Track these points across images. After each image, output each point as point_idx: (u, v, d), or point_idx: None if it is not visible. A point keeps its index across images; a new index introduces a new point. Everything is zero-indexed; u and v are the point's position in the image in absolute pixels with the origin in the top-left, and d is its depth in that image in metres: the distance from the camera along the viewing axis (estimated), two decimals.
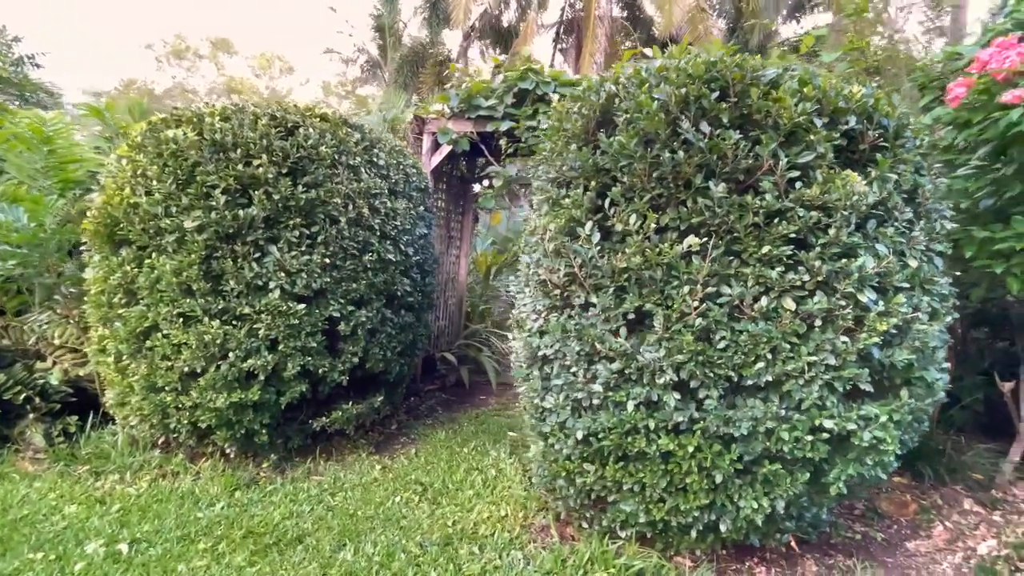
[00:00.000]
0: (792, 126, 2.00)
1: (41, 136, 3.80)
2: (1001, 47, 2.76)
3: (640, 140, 2.09)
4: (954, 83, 2.80)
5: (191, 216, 2.79)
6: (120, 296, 2.93)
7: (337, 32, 15.76)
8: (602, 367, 2.17)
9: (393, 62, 15.26)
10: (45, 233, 3.37)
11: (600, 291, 2.16)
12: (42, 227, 3.35)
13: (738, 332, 1.97)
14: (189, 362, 2.87)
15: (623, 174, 2.16)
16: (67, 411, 3.56)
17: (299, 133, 3.10)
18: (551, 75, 4.70)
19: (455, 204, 6.25)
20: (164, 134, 2.92)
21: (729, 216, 1.97)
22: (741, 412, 2.01)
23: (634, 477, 2.18)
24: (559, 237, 2.28)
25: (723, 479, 2.08)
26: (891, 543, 2.88)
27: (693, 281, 2.01)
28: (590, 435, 2.20)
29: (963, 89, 2.74)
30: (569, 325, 2.25)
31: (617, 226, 2.13)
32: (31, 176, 3.91)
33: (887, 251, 1.97)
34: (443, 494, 3.22)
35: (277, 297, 2.95)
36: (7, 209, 3.37)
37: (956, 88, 2.77)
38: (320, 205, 3.09)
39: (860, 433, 1.98)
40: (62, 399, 3.55)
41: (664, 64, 2.21)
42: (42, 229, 3.35)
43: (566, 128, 2.43)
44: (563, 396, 2.29)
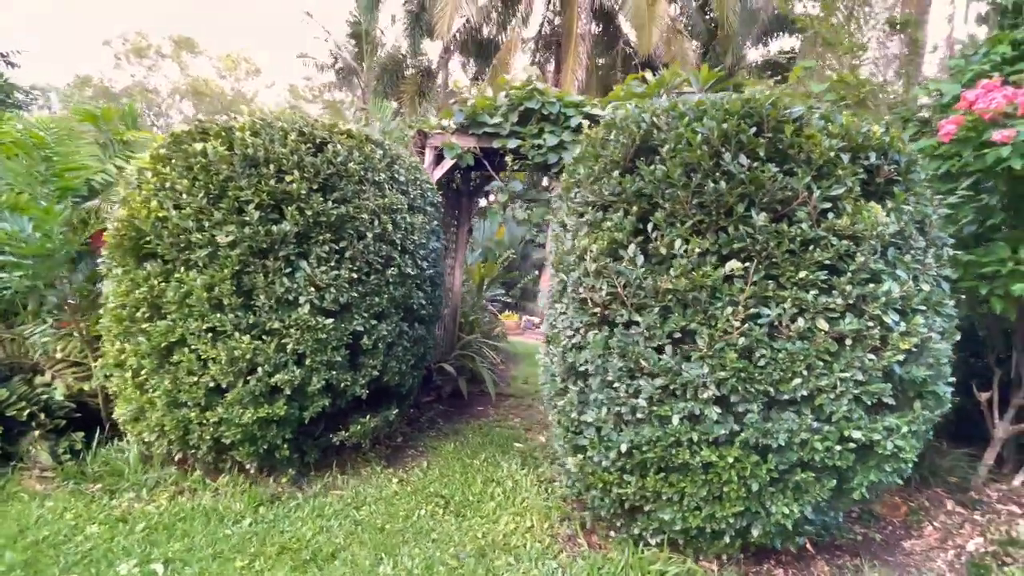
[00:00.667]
0: (823, 161, 2.18)
1: (41, 143, 3.68)
2: (987, 88, 3.05)
3: (684, 170, 2.24)
4: (945, 120, 3.08)
5: (224, 231, 2.78)
6: (144, 310, 2.88)
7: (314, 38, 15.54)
8: (645, 382, 2.29)
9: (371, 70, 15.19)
10: (53, 243, 3.27)
11: (644, 310, 2.29)
12: (49, 237, 3.25)
13: (776, 350, 2.13)
14: (217, 377, 2.85)
15: (664, 200, 2.30)
16: (71, 427, 3.44)
17: (328, 149, 3.13)
18: (556, 95, 4.85)
19: (451, 216, 6.32)
20: (192, 147, 2.91)
21: (769, 243, 2.13)
22: (778, 424, 2.17)
23: (675, 487, 2.31)
24: (601, 258, 2.40)
25: (758, 487, 2.23)
26: (888, 543, 3.10)
27: (735, 302, 2.16)
28: (633, 447, 2.32)
29: (953, 127, 3.02)
30: (611, 342, 2.37)
31: (661, 249, 2.27)
32: (30, 184, 3.78)
33: (906, 276, 2.18)
34: (465, 506, 3.27)
35: (307, 312, 2.96)
36: (11, 218, 3.26)
37: (947, 125, 3.04)
38: (349, 221, 3.13)
39: (884, 443, 2.17)
40: (66, 415, 3.43)
41: (702, 100, 2.37)
42: (49, 239, 3.25)
43: (604, 154, 2.56)
44: (605, 410, 2.40)
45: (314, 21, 16.20)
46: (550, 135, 4.70)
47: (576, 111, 4.71)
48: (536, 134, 4.77)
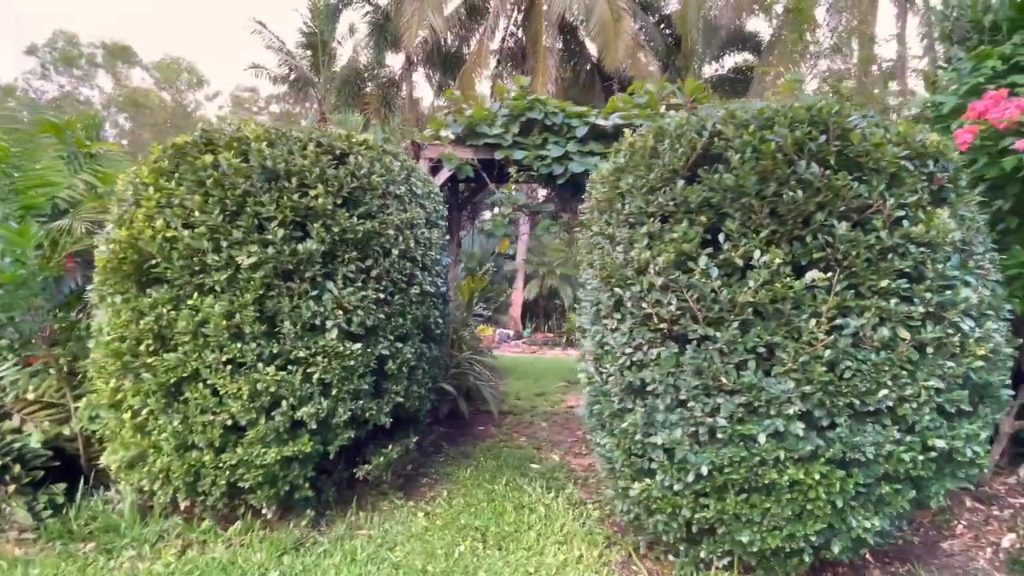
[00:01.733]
0: (893, 169, 2.17)
1: (4, 156, 3.26)
2: (994, 100, 3.18)
3: (758, 178, 2.17)
4: (961, 130, 3.18)
5: (245, 251, 2.51)
6: (149, 342, 2.55)
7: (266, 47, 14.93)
8: (724, 400, 2.20)
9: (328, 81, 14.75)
10: (26, 269, 2.87)
11: (721, 325, 2.20)
12: (22, 262, 2.85)
13: (861, 361, 2.08)
14: (237, 414, 2.55)
15: (735, 210, 2.23)
16: (49, 478, 3.01)
17: (350, 162, 2.90)
18: (558, 106, 4.77)
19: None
20: (202, 159, 2.62)
21: (850, 252, 2.09)
22: (864, 438, 2.11)
23: (757, 508, 2.21)
24: (668, 271, 2.30)
25: (842, 503, 2.17)
26: (927, 544, 3.12)
27: (817, 313, 2.10)
28: (715, 469, 2.21)
29: (970, 135, 3.13)
30: (683, 359, 2.26)
31: (736, 260, 2.19)
32: None
33: (975, 282, 2.19)
34: (504, 538, 3.07)
35: (335, 337, 2.71)
36: None
37: (964, 134, 3.15)
38: (374, 237, 2.90)
39: (963, 449, 2.16)
40: (44, 464, 3.01)
41: (763, 108, 2.32)
42: (22, 264, 2.86)
43: (657, 163, 2.47)
44: (679, 431, 2.29)
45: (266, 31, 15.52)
46: (554, 146, 4.61)
47: (580, 121, 4.65)
48: (540, 145, 4.67)
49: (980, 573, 2.82)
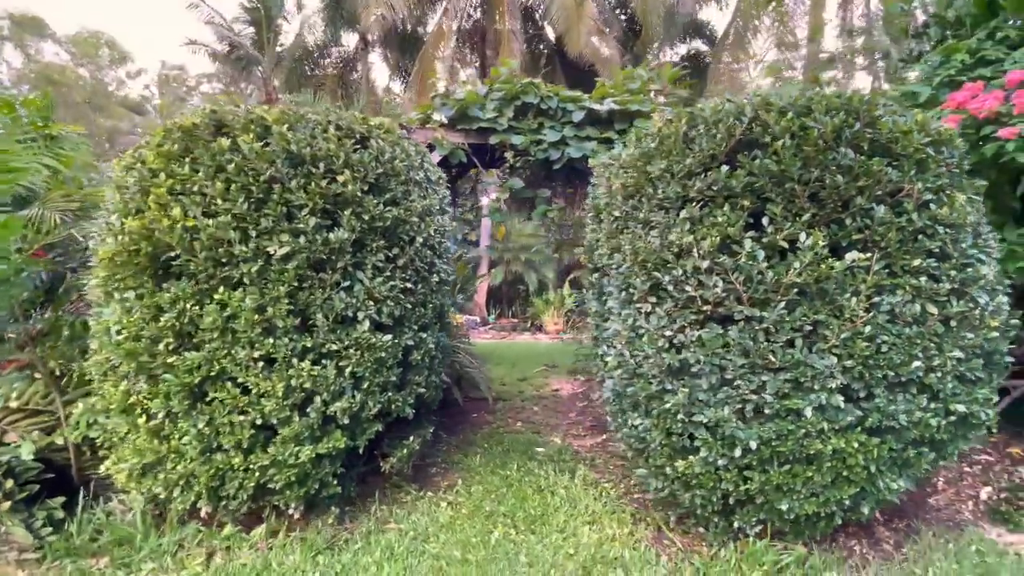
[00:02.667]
0: (919, 155, 2.31)
1: None
2: (972, 91, 3.44)
3: (802, 163, 2.26)
4: (944, 119, 3.42)
5: (276, 241, 2.37)
6: (170, 340, 2.38)
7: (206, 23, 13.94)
8: (769, 377, 2.30)
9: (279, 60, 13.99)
10: (11, 265, 2.59)
11: (767, 305, 2.29)
12: (6, 258, 2.57)
13: (896, 336, 2.23)
14: (272, 413, 2.43)
15: (777, 194, 2.31)
16: (44, 493, 2.77)
17: (371, 146, 2.79)
18: (552, 90, 4.75)
19: None
20: (218, 143, 2.44)
21: (887, 233, 2.22)
22: (897, 406, 2.27)
23: (800, 477, 2.34)
24: (713, 254, 2.36)
25: (875, 468, 2.33)
26: (915, 502, 3.39)
27: (857, 292, 2.23)
28: (763, 443, 2.31)
29: (954, 124, 3.37)
30: (729, 339, 2.34)
31: (780, 242, 2.28)
32: None
33: (988, 260, 2.38)
34: (534, 522, 3.10)
35: (367, 329, 2.62)
36: None
37: (948, 123, 3.38)
38: (400, 224, 2.81)
39: (979, 412, 2.36)
40: (37, 478, 2.75)
41: (799, 95, 2.41)
42: (6, 260, 2.57)
43: (694, 149, 2.52)
44: (727, 409, 2.37)
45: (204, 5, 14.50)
46: (551, 131, 4.60)
47: (575, 106, 4.66)
48: (535, 129, 4.65)
49: (967, 523, 3.11)
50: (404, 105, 11.56)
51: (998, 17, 3.97)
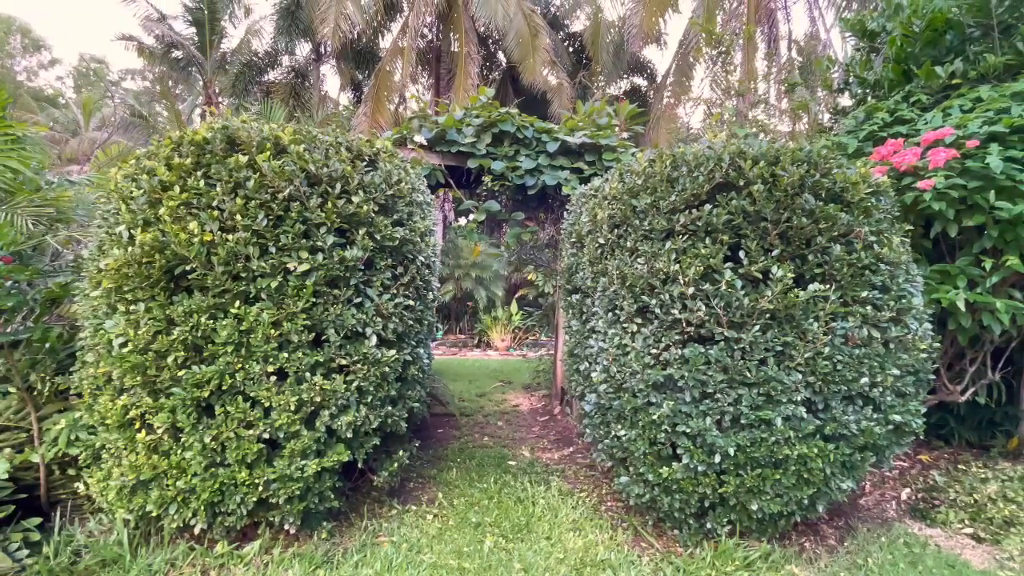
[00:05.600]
0: (865, 202, 2.74)
1: None
2: (894, 146, 4.03)
3: (775, 206, 2.62)
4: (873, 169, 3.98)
5: (296, 257, 2.44)
6: (180, 354, 2.37)
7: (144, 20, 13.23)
8: (745, 391, 2.61)
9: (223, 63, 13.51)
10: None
11: (743, 328, 2.61)
12: None
13: (848, 356, 2.61)
14: (285, 426, 2.46)
15: (752, 231, 2.66)
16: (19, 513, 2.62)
17: (381, 168, 2.91)
18: (527, 120, 5.02)
19: None
20: (235, 159, 2.49)
21: (841, 268, 2.61)
22: (848, 416, 2.65)
23: (769, 479, 2.66)
24: (698, 282, 2.67)
25: (831, 471, 2.69)
26: (847, 502, 3.86)
27: (818, 318, 2.60)
28: (739, 450, 2.61)
29: (881, 175, 3.92)
30: (710, 357, 2.64)
31: (755, 273, 2.62)
32: None
33: (916, 292, 2.84)
34: (520, 530, 3.26)
35: (374, 344, 2.72)
36: None
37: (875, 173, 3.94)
38: (406, 244, 2.94)
39: (911, 422, 2.78)
40: (10, 497, 2.61)
41: (769, 147, 2.79)
42: None
43: (683, 188, 2.83)
44: (707, 419, 2.66)
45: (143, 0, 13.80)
46: (526, 158, 4.85)
47: (549, 137, 4.94)
48: (511, 156, 4.89)
49: (893, 520, 3.58)
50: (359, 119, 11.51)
51: (912, 83, 4.66)
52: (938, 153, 3.58)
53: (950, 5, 4.56)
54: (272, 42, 13.73)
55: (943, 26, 4.64)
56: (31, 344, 2.73)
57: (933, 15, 4.59)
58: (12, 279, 2.55)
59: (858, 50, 5.76)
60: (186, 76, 15.58)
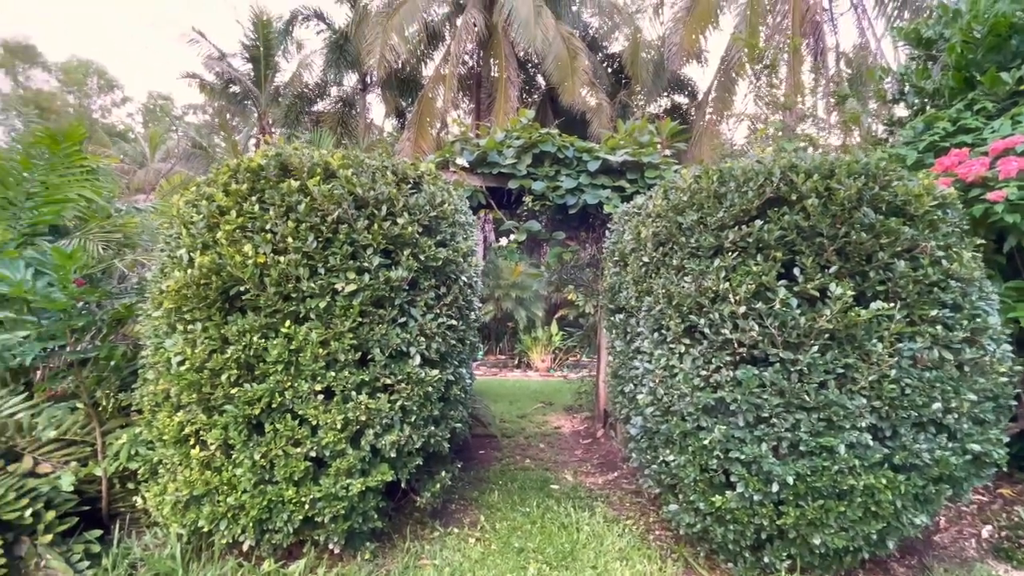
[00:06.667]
0: (930, 215, 2.59)
1: (28, 169, 2.99)
2: (959, 156, 3.81)
3: (831, 221, 2.50)
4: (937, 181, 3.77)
5: (343, 278, 2.49)
6: (234, 372, 2.44)
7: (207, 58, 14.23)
8: (804, 416, 2.47)
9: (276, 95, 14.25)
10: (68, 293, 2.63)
11: (800, 349, 2.49)
12: (66, 287, 2.61)
13: (917, 379, 2.44)
14: (331, 445, 2.49)
15: (807, 247, 2.54)
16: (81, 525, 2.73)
17: (424, 189, 2.96)
18: (567, 140, 5.03)
19: None
20: (287, 184, 2.58)
21: (906, 285, 2.46)
22: (920, 445, 2.46)
23: (833, 512, 2.49)
24: (750, 301, 2.56)
25: (901, 504, 2.50)
26: (922, 538, 3.57)
27: (882, 338, 2.44)
28: (799, 479, 2.47)
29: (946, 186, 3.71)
30: (765, 379, 2.52)
31: (811, 291, 2.50)
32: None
33: (992, 310, 2.64)
34: (565, 558, 3.16)
35: (418, 364, 2.73)
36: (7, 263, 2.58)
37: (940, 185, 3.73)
38: (449, 264, 2.96)
39: (991, 452, 2.56)
40: (74, 509, 2.72)
41: (823, 160, 2.68)
42: (66, 290, 2.62)
43: (731, 204, 2.75)
44: (763, 446, 2.53)
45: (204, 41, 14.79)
46: (567, 178, 4.85)
47: (590, 156, 4.94)
48: (552, 176, 4.90)
49: (974, 560, 3.28)
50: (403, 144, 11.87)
51: (975, 90, 4.42)
52: (1009, 163, 3.37)
53: (1015, 9, 4.33)
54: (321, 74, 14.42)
55: (1007, 31, 4.40)
56: (97, 362, 2.88)
57: (996, 20, 4.37)
58: (83, 300, 2.70)
59: (913, 59, 5.54)
60: (242, 109, 16.48)
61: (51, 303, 2.48)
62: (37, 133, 3.61)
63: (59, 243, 3.36)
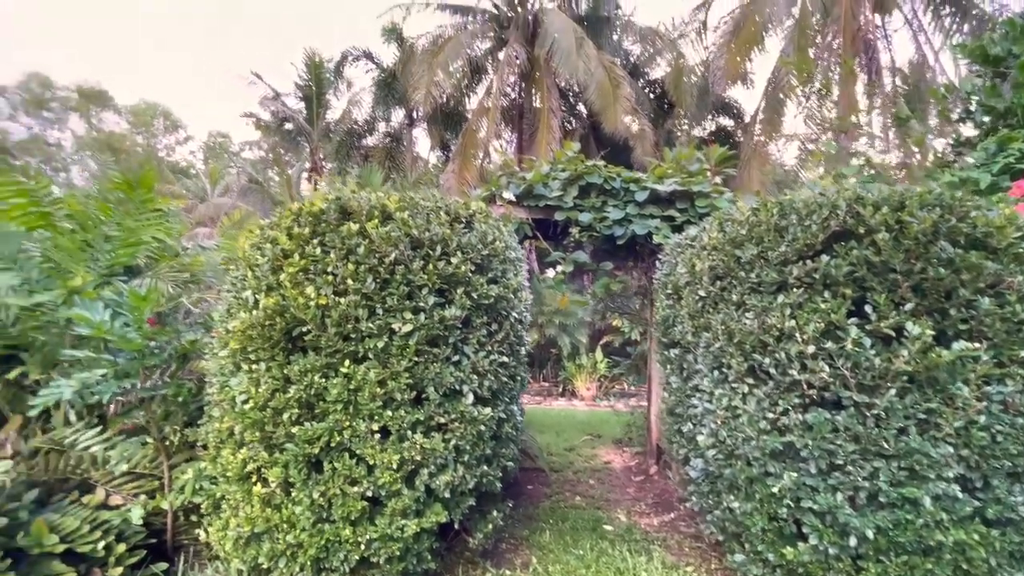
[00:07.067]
0: (1015, 248, 2.42)
1: (108, 215, 3.20)
2: None
3: (905, 255, 2.38)
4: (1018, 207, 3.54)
5: (400, 318, 2.53)
6: (295, 411, 2.50)
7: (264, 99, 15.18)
8: (883, 464, 2.31)
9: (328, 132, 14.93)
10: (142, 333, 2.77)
11: (875, 392, 2.34)
12: (141, 328, 2.76)
13: (1009, 425, 2.25)
14: (387, 485, 2.49)
15: (879, 284, 2.41)
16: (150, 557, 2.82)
17: (476, 229, 2.99)
18: (614, 171, 5.02)
19: None
20: (347, 227, 2.65)
21: (992, 323, 2.29)
22: (1016, 497, 2.25)
23: (919, 569, 2.30)
24: (819, 340, 2.44)
25: (996, 562, 2.28)
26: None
27: (967, 381, 2.27)
28: (879, 532, 2.29)
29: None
30: (838, 423, 2.38)
31: (885, 330, 2.36)
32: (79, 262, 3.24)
33: None
34: None
35: (471, 402, 2.72)
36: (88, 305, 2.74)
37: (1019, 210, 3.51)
38: (501, 301, 2.97)
39: None
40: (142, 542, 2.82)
41: (892, 191, 2.56)
42: (140, 330, 2.76)
43: (794, 237, 2.65)
44: (839, 495, 2.37)
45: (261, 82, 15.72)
46: (614, 209, 4.82)
47: (638, 186, 4.90)
48: (599, 207, 4.88)
49: None
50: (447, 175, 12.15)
51: None
52: None
53: None
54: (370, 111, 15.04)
55: None
56: (165, 397, 3.01)
57: None
58: (155, 340, 2.84)
59: (979, 76, 5.28)
60: (295, 145, 17.31)
61: (127, 344, 2.62)
62: (114, 179, 3.88)
63: (132, 283, 3.56)
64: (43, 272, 3.20)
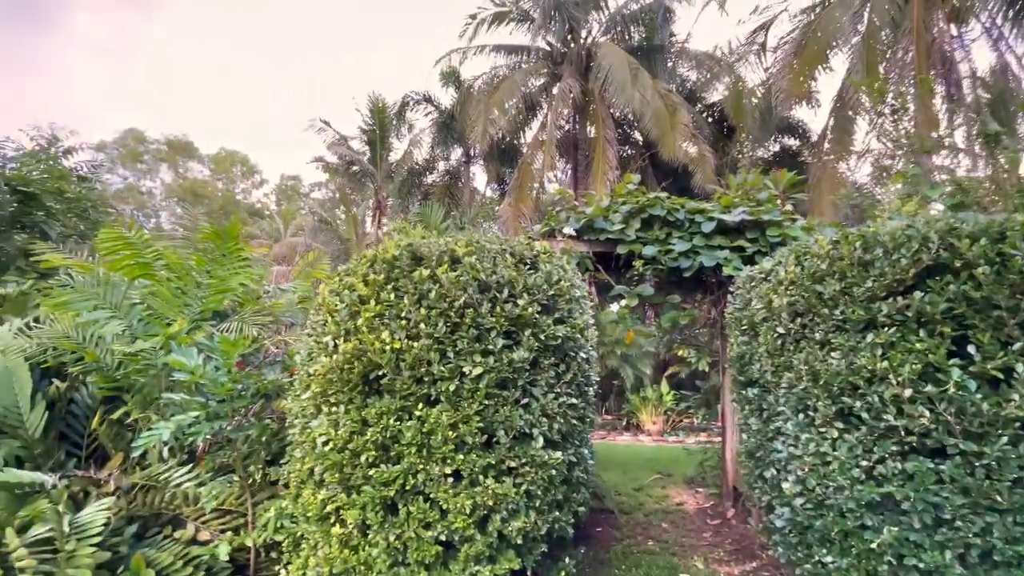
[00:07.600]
0: None
1: (201, 265, 3.47)
2: None
3: (1008, 291, 2.19)
4: None
5: (470, 361, 2.57)
6: (373, 453, 2.56)
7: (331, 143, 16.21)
8: (996, 519, 2.09)
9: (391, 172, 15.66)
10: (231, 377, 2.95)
11: (985, 439, 2.14)
12: (230, 372, 2.94)
13: None
14: (461, 529, 2.50)
15: (982, 321, 2.23)
16: None
17: (542, 269, 3.02)
18: (677, 202, 4.95)
19: None
20: (419, 272, 2.75)
21: None
22: None
23: None
24: (916, 382, 2.27)
25: None
26: None
27: None
28: None
29: None
30: (943, 474, 2.18)
31: (992, 372, 2.16)
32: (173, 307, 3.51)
33: None
34: None
35: (540, 446, 2.69)
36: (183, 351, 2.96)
37: None
38: (568, 341, 2.96)
39: None
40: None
41: (991, 220, 2.38)
42: (231, 374, 2.94)
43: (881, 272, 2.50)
44: (947, 553, 2.16)
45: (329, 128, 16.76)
46: (679, 240, 4.73)
47: (703, 217, 4.80)
48: (663, 240, 4.80)
49: None
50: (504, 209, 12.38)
51: None
52: None
53: None
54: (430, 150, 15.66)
55: None
56: (248, 436, 3.17)
57: None
58: (242, 383, 3.02)
59: None
60: (360, 185, 18.21)
61: (219, 388, 2.80)
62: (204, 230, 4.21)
63: (220, 326, 3.82)
64: (144, 319, 3.49)
